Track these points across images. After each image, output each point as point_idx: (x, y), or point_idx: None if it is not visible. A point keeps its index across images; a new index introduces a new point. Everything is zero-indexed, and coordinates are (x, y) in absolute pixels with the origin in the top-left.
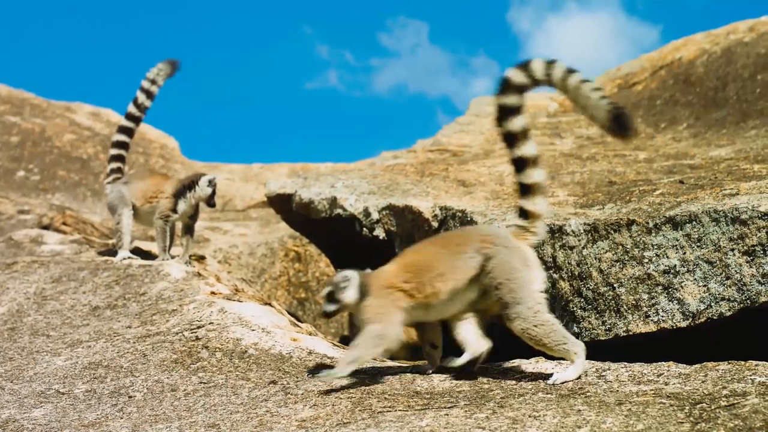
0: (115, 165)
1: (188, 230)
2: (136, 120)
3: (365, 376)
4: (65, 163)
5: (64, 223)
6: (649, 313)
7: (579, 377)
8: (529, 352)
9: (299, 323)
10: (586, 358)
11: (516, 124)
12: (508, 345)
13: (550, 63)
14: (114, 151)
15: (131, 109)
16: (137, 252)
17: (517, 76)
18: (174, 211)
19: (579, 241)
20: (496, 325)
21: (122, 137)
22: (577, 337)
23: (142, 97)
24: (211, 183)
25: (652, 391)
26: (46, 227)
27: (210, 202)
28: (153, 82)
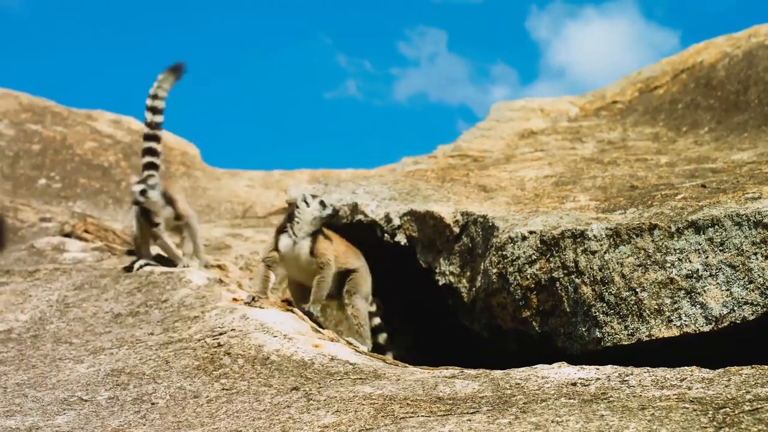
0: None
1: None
2: (155, 138)
3: (387, 382)
4: (86, 170)
5: (86, 231)
6: (671, 317)
7: None
8: (552, 357)
9: (321, 329)
10: (609, 363)
11: None
12: (530, 351)
13: None
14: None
15: (147, 130)
16: (157, 259)
17: None
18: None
19: (601, 245)
20: (513, 331)
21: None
22: (600, 342)
23: (149, 116)
24: (142, 192)
25: (675, 396)
26: (67, 235)
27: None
28: (155, 96)
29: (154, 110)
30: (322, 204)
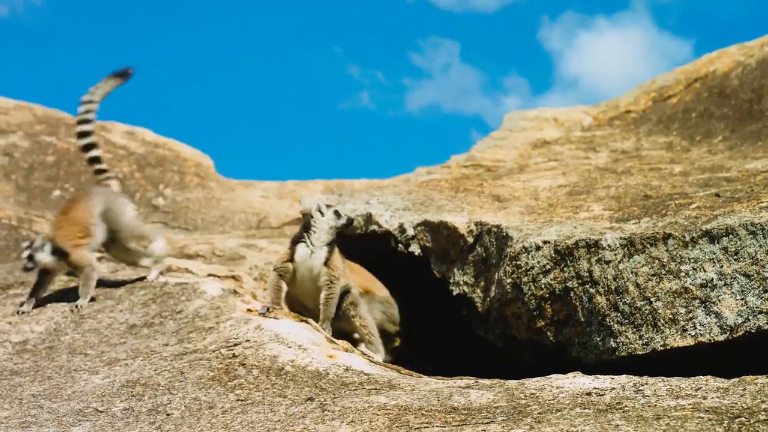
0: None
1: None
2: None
3: (402, 392)
4: None
5: None
6: (686, 327)
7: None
8: (566, 367)
9: (336, 340)
10: (624, 373)
11: None
12: (544, 361)
13: None
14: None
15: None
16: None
17: None
18: None
19: (615, 255)
20: (527, 341)
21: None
22: (615, 352)
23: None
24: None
25: (691, 406)
26: None
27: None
28: (90, 101)
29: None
30: (337, 213)
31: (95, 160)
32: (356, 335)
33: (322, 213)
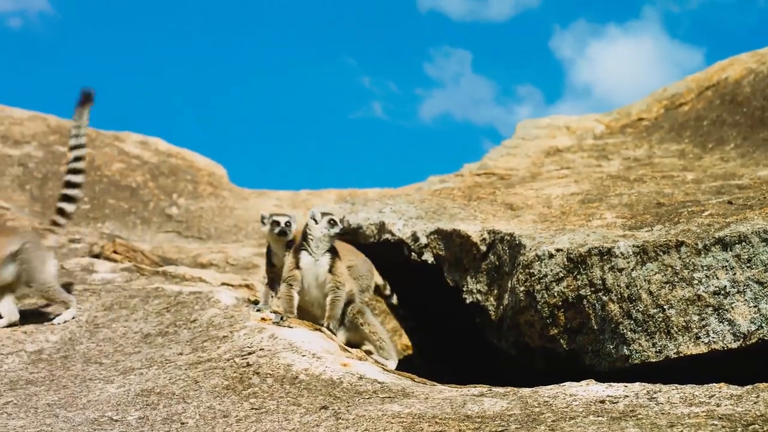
0: None
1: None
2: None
3: (415, 400)
4: (114, 191)
5: (115, 252)
6: (699, 334)
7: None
8: (580, 374)
9: (349, 348)
10: (637, 380)
11: None
12: (557, 368)
13: None
14: None
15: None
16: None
17: None
18: None
19: (628, 263)
20: (540, 349)
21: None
22: (628, 360)
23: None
24: None
25: (704, 413)
26: (96, 256)
27: None
28: (77, 136)
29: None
30: (332, 222)
31: (67, 198)
32: (365, 346)
33: (316, 221)
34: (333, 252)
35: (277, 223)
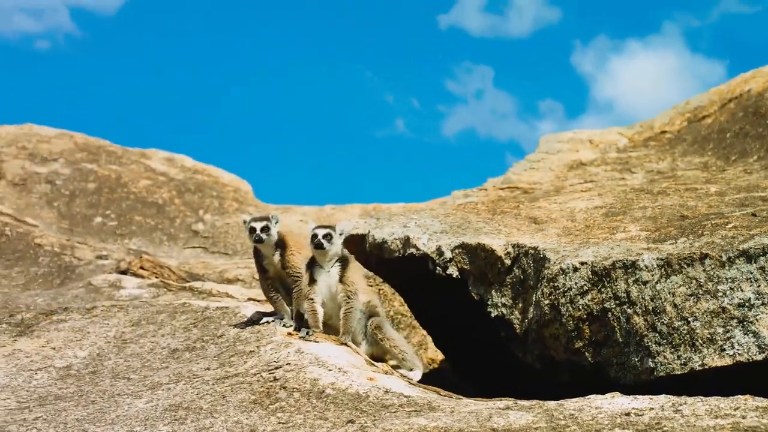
0: None
1: None
2: None
3: (441, 414)
4: (141, 208)
5: (142, 267)
6: (724, 346)
7: None
8: (604, 387)
9: (375, 362)
10: (663, 393)
11: None
12: (582, 381)
13: None
14: None
15: None
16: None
17: None
18: None
19: (652, 275)
20: (566, 362)
21: None
22: (653, 372)
23: None
24: None
25: (730, 425)
26: (124, 272)
27: None
28: None
29: None
30: (328, 237)
31: None
32: (389, 360)
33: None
34: (344, 262)
35: (253, 230)
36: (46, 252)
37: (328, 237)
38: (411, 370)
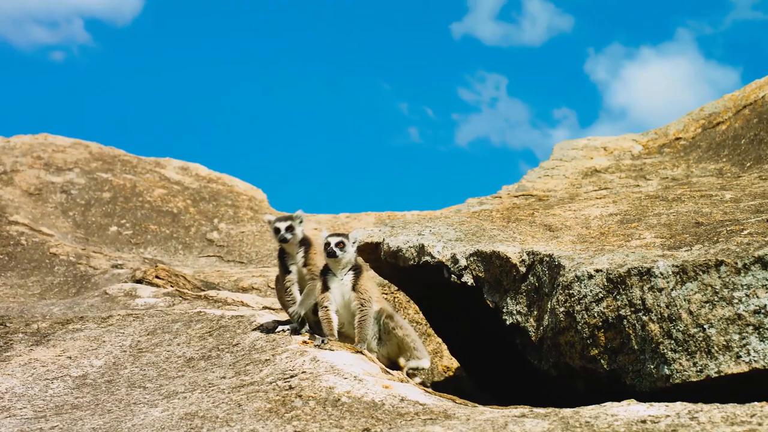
0: None
1: None
2: None
3: (457, 422)
4: (156, 217)
5: (157, 276)
6: (740, 353)
7: None
8: (620, 395)
9: (390, 370)
10: (679, 400)
11: None
12: (598, 388)
13: None
14: None
15: None
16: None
17: None
18: None
19: (668, 282)
20: (581, 369)
21: None
22: (669, 379)
23: None
24: None
25: None
26: (139, 281)
27: None
28: None
29: None
30: (341, 245)
31: None
32: (401, 360)
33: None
34: (357, 270)
35: (278, 230)
36: (61, 261)
37: (341, 245)
38: (420, 359)
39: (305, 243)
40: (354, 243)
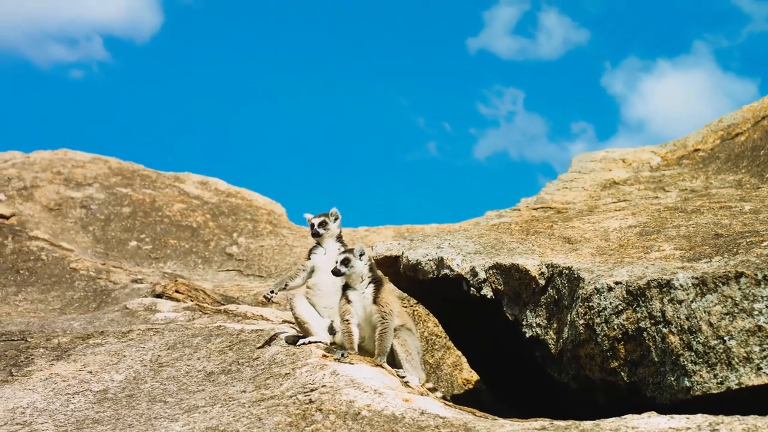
0: None
1: None
2: None
3: None
4: (175, 231)
5: (177, 291)
6: (761, 365)
7: None
8: (640, 407)
9: (411, 384)
10: (699, 412)
11: None
12: (618, 401)
13: None
14: None
15: None
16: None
17: None
18: None
19: (687, 294)
20: (601, 381)
21: None
22: (689, 392)
23: None
24: None
25: None
26: (159, 295)
27: None
28: None
29: None
30: (345, 262)
31: None
32: (427, 384)
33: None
34: (377, 283)
35: (312, 225)
36: (81, 276)
37: (345, 262)
38: (406, 375)
39: (341, 241)
40: (361, 256)
